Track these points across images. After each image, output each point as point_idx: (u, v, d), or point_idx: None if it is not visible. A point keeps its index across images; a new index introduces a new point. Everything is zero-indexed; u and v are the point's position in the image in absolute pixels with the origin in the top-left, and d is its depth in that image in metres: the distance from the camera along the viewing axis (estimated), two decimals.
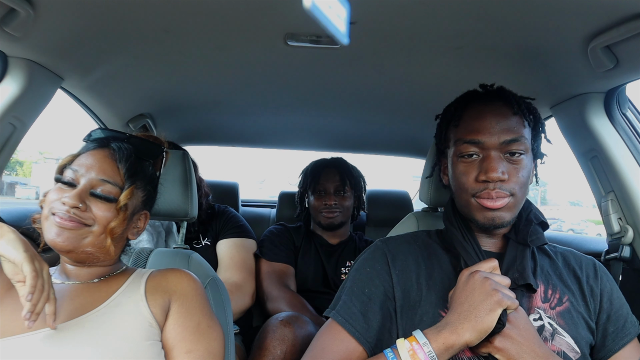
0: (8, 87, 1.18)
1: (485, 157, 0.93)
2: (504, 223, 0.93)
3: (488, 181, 0.90)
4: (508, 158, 0.93)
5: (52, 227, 0.87)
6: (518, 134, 0.93)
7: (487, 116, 0.94)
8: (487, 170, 0.90)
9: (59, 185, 0.90)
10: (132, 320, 0.87)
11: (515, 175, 0.92)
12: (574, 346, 0.90)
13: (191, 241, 1.76)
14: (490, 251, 0.99)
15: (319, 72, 1.44)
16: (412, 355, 0.81)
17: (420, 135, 2.21)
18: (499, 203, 0.91)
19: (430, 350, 0.80)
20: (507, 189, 0.91)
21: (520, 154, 0.93)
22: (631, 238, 1.27)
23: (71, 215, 0.86)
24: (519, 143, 0.92)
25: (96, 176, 0.90)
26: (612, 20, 0.94)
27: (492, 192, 0.90)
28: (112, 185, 0.90)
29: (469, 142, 0.94)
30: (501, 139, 0.92)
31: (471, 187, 0.93)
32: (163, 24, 1.10)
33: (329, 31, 0.50)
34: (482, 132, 0.93)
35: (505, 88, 1.01)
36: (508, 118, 0.94)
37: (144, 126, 1.97)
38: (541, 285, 0.96)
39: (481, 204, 0.92)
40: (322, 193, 1.91)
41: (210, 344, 0.92)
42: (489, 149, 0.92)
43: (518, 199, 0.93)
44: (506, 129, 0.93)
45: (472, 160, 0.94)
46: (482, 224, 0.94)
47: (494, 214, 0.92)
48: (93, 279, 0.94)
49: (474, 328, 0.80)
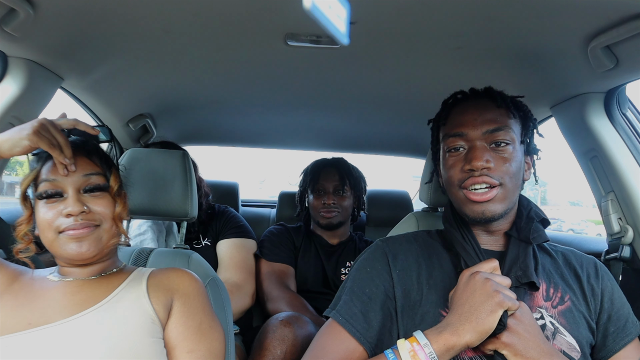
0: (8, 87, 1.18)
1: (470, 148, 0.94)
2: (495, 215, 0.93)
3: (473, 170, 0.92)
4: (494, 148, 0.94)
5: (67, 243, 0.87)
6: (501, 124, 0.94)
7: (470, 110, 0.97)
8: (471, 159, 0.92)
9: (43, 202, 0.88)
10: (135, 316, 0.87)
11: (503, 164, 0.92)
12: (575, 346, 0.90)
13: (191, 241, 1.76)
14: (491, 250, 0.99)
15: (319, 72, 1.44)
16: (412, 355, 0.81)
17: (420, 135, 2.21)
18: (488, 195, 0.91)
19: (431, 351, 0.80)
20: (495, 177, 0.91)
21: (507, 144, 0.93)
22: (631, 238, 1.27)
23: (82, 222, 0.86)
24: (503, 132, 0.93)
25: (78, 176, 0.89)
26: (612, 20, 0.94)
27: (477, 179, 0.91)
28: (97, 176, 0.91)
29: (454, 135, 0.96)
30: (484, 129, 0.94)
31: (457, 178, 0.95)
32: (163, 24, 1.10)
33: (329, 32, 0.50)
34: (465, 124, 0.95)
35: (492, 88, 1.02)
36: (491, 110, 0.96)
37: (144, 126, 1.97)
38: (543, 284, 0.96)
39: (468, 197, 0.93)
40: (321, 192, 1.91)
41: (212, 343, 0.92)
42: (473, 139, 0.94)
43: (508, 189, 0.93)
44: (489, 119, 0.94)
45: (458, 153, 0.96)
46: (472, 217, 0.94)
47: (483, 207, 0.92)
48: (93, 276, 0.94)
49: (474, 329, 0.80)
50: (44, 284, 0.91)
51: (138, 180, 1.18)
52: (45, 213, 0.87)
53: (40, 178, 0.90)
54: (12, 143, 0.85)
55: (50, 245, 0.88)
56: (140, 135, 2.04)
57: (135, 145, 2.03)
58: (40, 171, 0.90)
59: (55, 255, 0.91)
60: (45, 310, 0.85)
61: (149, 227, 1.65)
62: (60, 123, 0.89)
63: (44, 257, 1.16)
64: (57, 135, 0.87)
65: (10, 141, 0.85)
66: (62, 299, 0.87)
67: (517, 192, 0.96)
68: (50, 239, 0.87)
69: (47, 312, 0.85)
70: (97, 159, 0.94)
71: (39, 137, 0.84)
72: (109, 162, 0.96)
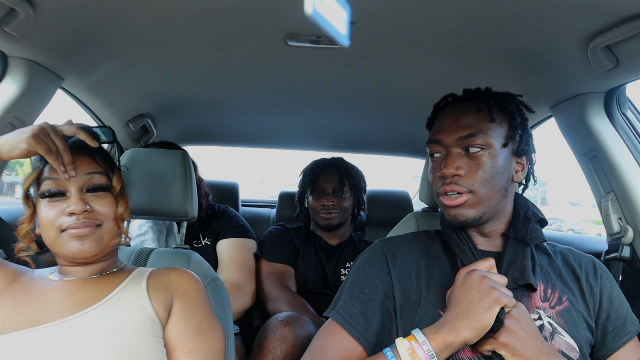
0: (8, 87, 1.18)
1: (446, 154, 0.95)
2: (467, 220, 0.93)
3: (445, 177, 0.93)
4: (467, 154, 0.94)
5: (69, 241, 0.87)
6: (476, 129, 0.93)
7: (448, 115, 0.98)
8: (443, 166, 0.93)
9: (45, 201, 0.88)
10: (135, 315, 0.87)
11: (475, 172, 0.92)
12: (573, 346, 0.90)
13: (191, 241, 1.76)
14: (489, 250, 0.99)
15: (319, 72, 1.44)
16: (411, 353, 0.81)
17: (420, 135, 2.20)
18: (457, 201, 0.92)
19: (429, 348, 0.81)
20: (464, 185, 0.92)
21: (481, 149, 0.93)
22: (631, 238, 1.27)
23: (84, 221, 0.86)
24: (476, 138, 0.93)
25: (81, 174, 0.90)
26: (612, 20, 0.94)
27: (447, 187, 0.93)
28: (100, 175, 0.92)
29: (432, 141, 0.98)
30: (457, 135, 0.94)
31: (435, 185, 0.97)
32: (163, 24, 1.10)
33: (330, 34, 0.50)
34: (442, 131, 0.96)
35: (480, 89, 1.01)
36: (468, 115, 0.95)
37: (144, 126, 1.97)
38: (540, 285, 0.96)
39: (442, 202, 0.95)
40: (320, 194, 1.91)
41: (212, 343, 0.92)
42: (448, 146, 0.95)
43: (479, 195, 0.92)
44: (464, 125, 0.94)
45: (436, 159, 0.98)
46: (449, 222, 0.96)
47: (455, 212, 0.93)
48: (93, 275, 0.94)
49: (472, 326, 0.80)
50: (44, 284, 0.91)
51: (138, 180, 1.18)
52: (48, 212, 0.87)
53: (42, 177, 0.90)
54: (11, 145, 0.85)
55: (52, 244, 0.89)
56: (140, 135, 2.05)
57: (135, 145, 2.03)
58: (43, 170, 0.91)
59: (56, 254, 0.91)
60: (45, 310, 0.85)
61: (150, 228, 1.65)
62: (62, 129, 0.89)
63: (44, 257, 1.16)
64: (57, 140, 0.86)
65: (9, 143, 0.85)
66: (62, 298, 0.87)
67: (498, 196, 0.94)
68: (52, 237, 0.87)
69: (47, 311, 0.85)
70: (100, 159, 0.94)
71: (37, 141, 0.84)
72: (112, 162, 0.97)
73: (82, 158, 0.91)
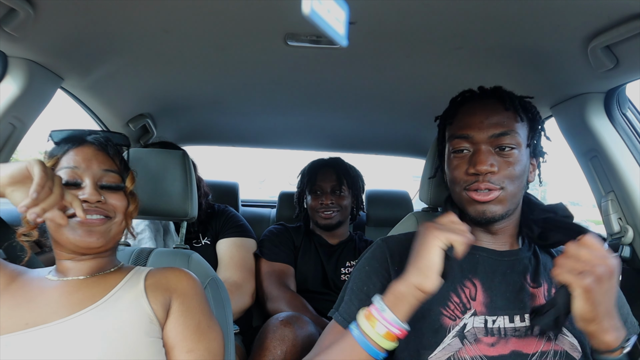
0: (8, 87, 1.18)
1: (475, 151, 0.94)
2: (495, 216, 0.93)
3: (477, 174, 0.92)
4: (498, 152, 0.94)
5: (76, 228, 0.88)
6: (508, 128, 0.94)
7: (477, 112, 0.96)
8: (475, 163, 0.92)
9: None
10: (134, 315, 0.87)
11: (506, 169, 0.92)
12: (576, 346, 0.90)
13: (191, 241, 1.76)
14: (494, 249, 0.99)
15: (319, 72, 1.44)
16: (367, 316, 0.82)
17: (420, 135, 2.21)
18: (489, 196, 0.92)
19: (381, 304, 0.81)
20: (496, 182, 0.92)
21: (512, 148, 0.93)
22: (631, 238, 1.27)
23: (96, 208, 0.88)
24: (509, 137, 0.93)
25: (98, 169, 0.93)
26: (612, 20, 0.94)
27: (481, 184, 0.92)
28: (114, 174, 0.95)
29: (459, 137, 0.96)
30: (490, 133, 0.94)
31: (462, 180, 0.95)
32: (163, 24, 1.10)
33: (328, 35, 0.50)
34: (472, 127, 0.95)
35: (502, 88, 1.02)
36: (499, 113, 0.95)
37: (144, 126, 1.97)
38: (544, 284, 0.96)
39: (471, 197, 0.93)
40: (319, 193, 1.91)
41: (210, 343, 0.92)
42: (478, 143, 0.94)
43: (508, 192, 0.93)
44: (495, 123, 0.94)
45: (463, 155, 0.96)
46: (474, 217, 0.95)
47: (484, 207, 0.93)
48: (90, 274, 0.93)
49: (416, 267, 0.80)
50: (42, 284, 0.91)
51: (138, 180, 1.18)
52: None
53: (59, 165, 0.92)
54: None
55: (57, 230, 0.89)
56: (140, 135, 2.05)
57: (135, 145, 2.03)
58: (60, 159, 0.93)
59: (59, 242, 0.91)
60: (42, 310, 0.85)
61: (147, 226, 1.65)
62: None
63: (43, 257, 1.16)
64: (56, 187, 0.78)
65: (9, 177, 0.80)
66: (59, 298, 0.87)
67: (520, 194, 0.97)
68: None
69: (45, 312, 0.84)
70: (117, 159, 0.98)
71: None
72: (127, 165, 1.02)
73: (102, 154, 0.95)
